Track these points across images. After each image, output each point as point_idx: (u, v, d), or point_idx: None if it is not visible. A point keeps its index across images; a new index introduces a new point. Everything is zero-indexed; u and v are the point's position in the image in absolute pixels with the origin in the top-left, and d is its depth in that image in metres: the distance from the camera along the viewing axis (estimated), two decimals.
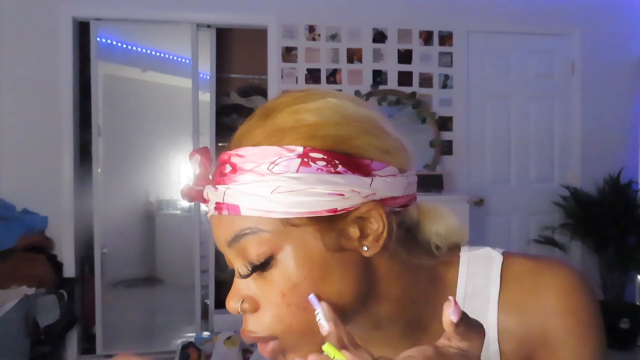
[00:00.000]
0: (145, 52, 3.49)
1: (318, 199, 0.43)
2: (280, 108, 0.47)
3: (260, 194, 0.43)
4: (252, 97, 4.04)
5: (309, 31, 3.31)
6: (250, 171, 0.43)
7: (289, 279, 0.44)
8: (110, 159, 3.29)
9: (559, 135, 3.60)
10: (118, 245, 3.35)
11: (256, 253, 0.44)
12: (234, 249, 0.46)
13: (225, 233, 0.45)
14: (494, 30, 3.50)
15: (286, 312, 0.45)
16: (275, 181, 0.43)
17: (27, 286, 2.42)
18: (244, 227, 0.44)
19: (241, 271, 0.46)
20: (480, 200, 3.42)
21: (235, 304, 0.47)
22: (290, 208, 0.43)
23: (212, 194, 0.46)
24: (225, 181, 0.45)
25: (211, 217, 0.48)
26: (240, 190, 0.44)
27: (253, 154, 0.44)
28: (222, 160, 0.46)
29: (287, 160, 0.43)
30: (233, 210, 0.44)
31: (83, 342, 3.20)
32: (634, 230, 3.27)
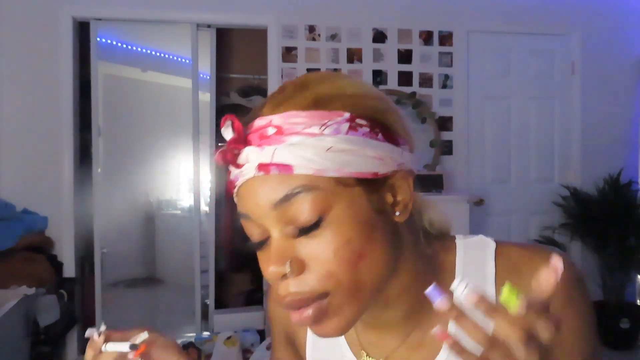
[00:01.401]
0: (145, 52, 3.49)
1: (365, 161, 0.46)
2: (318, 80, 0.49)
3: (314, 153, 0.45)
4: (252, 97, 4.04)
5: (309, 31, 3.31)
6: (300, 132, 0.45)
7: (342, 235, 0.46)
8: (110, 159, 3.29)
9: (559, 135, 3.60)
10: (118, 245, 3.35)
11: (308, 211, 0.45)
12: (280, 210, 0.45)
13: (273, 193, 0.45)
14: (494, 30, 3.50)
15: (338, 267, 0.46)
16: (327, 141, 0.45)
17: (27, 286, 2.42)
18: (297, 185, 0.45)
19: (287, 232, 0.46)
20: (480, 200, 3.42)
21: (281, 266, 0.46)
22: (343, 167, 0.45)
23: (254, 154, 0.46)
24: (270, 142, 0.45)
25: (249, 181, 0.47)
26: (292, 149, 0.45)
27: (301, 117, 0.46)
28: (259, 125, 0.47)
29: (336, 124, 0.46)
30: (284, 169, 0.45)
31: (83, 342, 3.20)
32: (634, 230, 3.27)
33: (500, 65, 3.53)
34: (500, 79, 3.54)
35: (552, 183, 3.57)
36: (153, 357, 0.58)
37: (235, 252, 3.94)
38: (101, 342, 0.56)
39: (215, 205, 3.62)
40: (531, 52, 3.56)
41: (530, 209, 3.55)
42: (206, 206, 3.58)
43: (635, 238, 3.28)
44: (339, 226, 0.46)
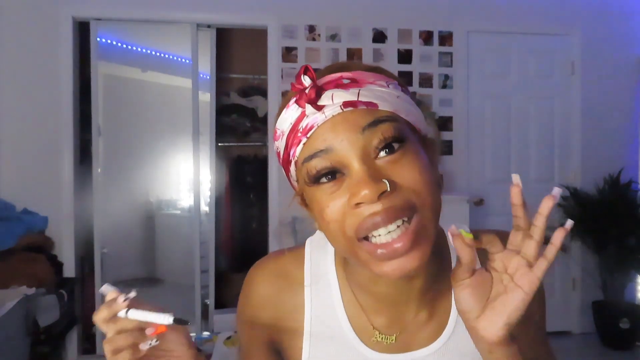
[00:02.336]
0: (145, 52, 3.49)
1: (416, 117, 0.57)
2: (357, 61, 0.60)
3: (389, 97, 0.53)
4: (252, 97, 4.04)
5: (309, 31, 3.31)
6: (373, 83, 0.54)
7: (421, 160, 0.52)
8: (110, 159, 3.29)
9: (559, 135, 3.60)
10: (118, 245, 3.35)
11: (392, 133, 0.51)
12: (368, 134, 0.51)
13: (363, 119, 0.51)
14: (494, 30, 3.50)
15: (423, 187, 0.51)
16: (395, 91, 0.55)
17: (27, 286, 2.42)
18: (384, 114, 0.52)
19: (369, 160, 0.51)
20: (480, 200, 3.42)
21: (380, 184, 0.48)
22: (409, 115, 0.55)
23: (339, 95, 0.52)
24: (348, 87, 0.52)
25: (335, 117, 0.51)
26: (373, 92, 0.53)
27: (368, 75, 0.54)
28: (330, 78, 0.53)
29: (393, 84, 0.55)
30: (370, 105, 0.52)
31: (83, 342, 3.20)
32: (634, 230, 3.27)
33: (500, 65, 3.53)
34: (500, 79, 3.54)
35: (552, 183, 3.57)
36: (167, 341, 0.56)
37: (235, 252, 3.94)
38: (123, 306, 0.51)
39: (215, 205, 3.62)
40: (531, 52, 3.55)
41: (531, 209, 3.53)
42: (206, 206, 3.58)
43: (635, 238, 3.27)
44: (416, 154, 0.52)
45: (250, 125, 3.98)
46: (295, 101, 0.53)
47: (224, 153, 3.93)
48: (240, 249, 3.92)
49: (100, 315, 0.52)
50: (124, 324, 0.52)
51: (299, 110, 0.53)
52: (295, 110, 0.53)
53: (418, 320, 0.61)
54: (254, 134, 3.99)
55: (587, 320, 3.41)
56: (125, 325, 0.52)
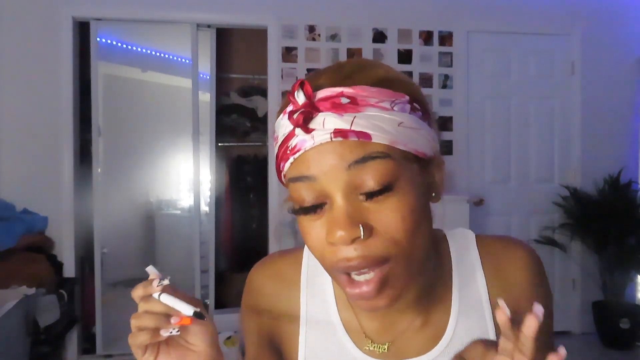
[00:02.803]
0: (145, 52, 3.49)
1: (422, 141, 0.51)
2: (371, 64, 0.53)
3: (389, 126, 0.48)
4: (252, 97, 4.04)
5: (309, 31, 3.31)
6: (374, 105, 0.48)
7: (408, 204, 0.49)
8: (110, 159, 3.29)
9: (559, 135, 3.60)
10: (118, 245, 3.35)
11: (382, 176, 0.47)
12: (354, 171, 0.47)
13: (351, 155, 0.47)
14: (494, 30, 3.50)
15: (403, 234, 0.48)
16: (398, 116, 0.49)
17: (27, 286, 2.42)
18: (375, 150, 0.48)
19: (353, 197, 0.48)
20: (480, 200, 3.42)
21: (352, 230, 0.47)
22: (409, 143, 0.50)
23: (331, 120, 0.47)
24: (347, 110, 0.48)
25: (323, 145, 0.48)
26: (369, 119, 0.48)
27: (373, 92, 0.49)
28: (329, 94, 0.48)
29: (402, 103, 0.50)
30: (363, 136, 0.47)
31: (83, 342, 3.20)
32: (634, 230, 3.27)
33: (500, 65, 3.53)
34: (500, 79, 3.53)
35: (552, 183, 3.57)
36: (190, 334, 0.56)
37: (235, 252, 3.94)
38: (157, 290, 0.53)
39: (215, 205, 3.62)
40: (531, 52, 3.55)
41: (530, 209, 3.55)
42: (206, 206, 3.58)
43: (635, 238, 3.28)
44: (405, 196, 0.49)
45: (250, 125, 3.98)
46: (288, 115, 0.49)
47: (224, 153, 3.93)
48: (240, 249, 3.92)
49: (136, 292, 0.54)
50: (154, 305, 0.53)
51: (290, 125, 0.50)
52: (287, 123, 0.50)
53: (412, 328, 0.60)
54: (254, 134, 3.99)
55: (587, 320, 3.41)
56: (154, 307, 0.53)
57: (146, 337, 0.52)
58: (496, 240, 0.64)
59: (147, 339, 0.52)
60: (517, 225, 3.54)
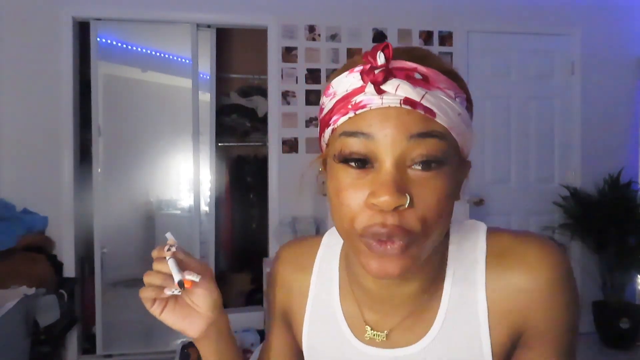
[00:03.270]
0: (145, 52, 3.48)
1: (468, 140, 0.55)
2: (439, 56, 0.55)
3: (451, 111, 0.51)
4: (252, 97, 4.04)
5: (309, 31, 3.31)
6: (443, 90, 0.51)
7: (446, 189, 0.51)
8: (110, 159, 3.29)
9: (559, 135, 3.60)
10: (118, 245, 3.35)
11: (435, 153, 0.49)
12: (412, 143, 0.49)
13: (415, 126, 0.49)
14: (494, 30, 3.50)
15: (434, 215, 0.50)
16: (459, 107, 0.52)
17: (27, 286, 2.42)
18: (438, 129, 0.50)
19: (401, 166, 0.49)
20: (480, 200, 3.42)
21: (402, 197, 0.48)
22: (461, 135, 0.53)
23: (404, 88, 0.49)
24: (419, 84, 0.49)
25: (389, 108, 0.49)
26: (437, 99, 0.50)
27: (442, 79, 0.51)
28: (405, 66, 0.50)
29: (461, 98, 0.53)
30: (429, 112, 0.49)
31: (83, 342, 3.20)
32: (634, 230, 3.27)
33: (500, 65, 3.53)
34: (500, 79, 3.53)
35: (552, 183, 3.57)
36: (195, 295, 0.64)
37: (235, 252, 3.94)
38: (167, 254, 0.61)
39: (215, 205, 3.62)
40: (531, 52, 3.55)
41: (530, 209, 3.55)
42: (206, 206, 3.58)
43: (635, 238, 3.28)
44: (446, 180, 0.51)
45: (250, 125, 3.98)
46: (361, 72, 0.50)
47: (224, 153, 3.93)
48: (240, 249, 3.92)
49: (153, 252, 0.63)
50: (164, 267, 0.61)
51: (360, 82, 0.50)
52: (356, 79, 0.51)
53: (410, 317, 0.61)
54: (254, 134, 3.98)
55: (587, 320, 3.41)
56: (163, 268, 0.61)
57: (152, 293, 0.61)
58: (510, 236, 0.60)
59: (153, 295, 0.61)
60: (517, 225, 3.54)
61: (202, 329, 0.65)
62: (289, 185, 3.24)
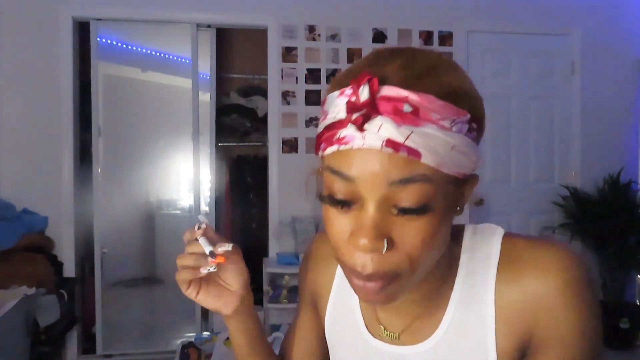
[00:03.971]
0: (145, 52, 3.48)
1: (468, 163, 0.50)
2: (446, 66, 0.50)
3: (441, 147, 0.46)
4: (252, 97, 4.04)
5: (309, 31, 3.31)
6: (435, 122, 0.46)
7: (434, 226, 0.48)
8: (110, 159, 3.29)
9: (559, 135, 3.60)
10: (118, 245, 3.35)
11: (420, 199, 0.46)
12: (394, 189, 0.46)
13: (397, 172, 0.46)
14: (494, 30, 3.50)
15: (419, 253, 0.48)
16: (454, 139, 0.47)
17: (27, 286, 2.42)
18: (422, 172, 0.46)
19: (386, 209, 0.47)
20: (480, 200, 3.42)
21: (379, 242, 0.47)
22: (456, 166, 0.48)
23: (388, 128, 0.45)
24: (405, 121, 0.45)
25: (373, 150, 0.46)
26: (425, 136, 0.45)
27: (438, 105, 0.46)
28: (394, 95, 0.45)
29: (461, 123, 0.48)
30: (413, 154, 0.45)
31: (83, 342, 3.20)
32: (634, 230, 3.27)
33: (500, 65, 3.53)
34: (500, 79, 3.54)
35: (552, 183, 3.57)
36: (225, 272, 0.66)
37: None
38: (199, 233, 0.62)
39: (215, 205, 3.62)
40: (531, 52, 3.55)
41: (530, 209, 3.55)
42: (206, 206, 3.58)
43: (635, 238, 3.28)
44: (434, 218, 0.48)
45: (250, 125, 3.98)
46: (347, 102, 0.47)
47: (224, 153, 3.93)
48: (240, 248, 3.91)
49: (185, 235, 0.64)
50: (196, 247, 0.62)
51: (344, 112, 0.47)
52: (342, 107, 0.48)
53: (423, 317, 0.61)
54: (254, 134, 3.99)
55: None
56: (195, 248, 0.62)
57: (187, 275, 0.63)
58: (526, 241, 0.58)
59: (189, 276, 0.63)
60: (517, 225, 3.54)
61: (236, 306, 0.67)
62: (289, 185, 3.24)
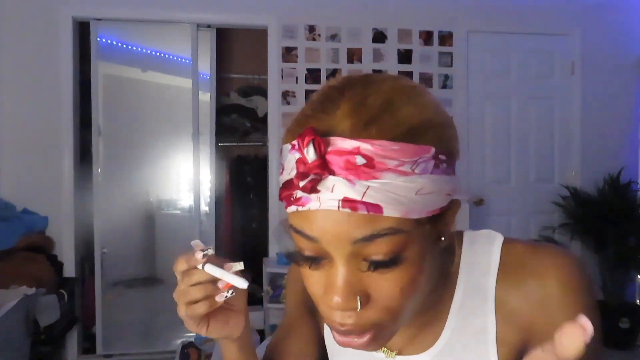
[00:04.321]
0: (145, 52, 3.48)
1: (441, 198, 0.45)
2: (402, 99, 0.45)
3: (404, 195, 0.42)
4: (252, 97, 4.04)
5: (309, 31, 3.31)
6: (393, 169, 0.42)
7: (411, 274, 0.46)
8: (110, 159, 3.29)
9: (559, 135, 3.60)
10: (118, 245, 3.35)
11: (388, 252, 0.44)
12: (359, 246, 0.43)
13: (357, 231, 0.43)
14: (494, 30, 3.50)
15: (398, 303, 0.46)
16: (417, 182, 0.43)
17: (27, 286, 2.42)
18: (385, 227, 0.43)
19: (355, 266, 0.45)
20: (480, 200, 3.42)
21: (353, 299, 0.45)
22: (426, 208, 0.44)
23: (341, 187, 0.42)
24: (360, 175, 0.41)
25: (330, 210, 0.43)
26: (384, 189, 0.42)
27: (393, 150, 0.42)
28: (344, 149, 0.42)
29: (424, 162, 0.43)
30: (374, 209, 0.42)
31: (83, 342, 3.20)
32: (634, 230, 3.27)
33: (500, 65, 3.53)
34: (500, 79, 3.54)
35: (552, 183, 3.57)
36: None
37: (235, 252, 3.94)
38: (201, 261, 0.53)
39: (215, 205, 3.62)
40: (531, 52, 3.55)
41: (530, 209, 3.55)
42: (206, 206, 3.58)
43: (635, 238, 3.28)
44: (409, 266, 0.45)
45: (250, 125, 3.99)
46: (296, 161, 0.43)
47: (224, 153, 3.93)
48: (240, 249, 3.92)
49: (179, 266, 0.54)
50: (200, 276, 0.53)
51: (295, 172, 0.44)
52: (293, 166, 0.44)
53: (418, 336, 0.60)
54: (254, 134, 3.99)
55: None
56: (200, 278, 0.53)
57: (205, 307, 0.53)
58: (526, 246, 0.56)
59: (206, 308, 0.53)
60: (517, 225, 3.54)
61: (243, 326, 0.60)
62: None
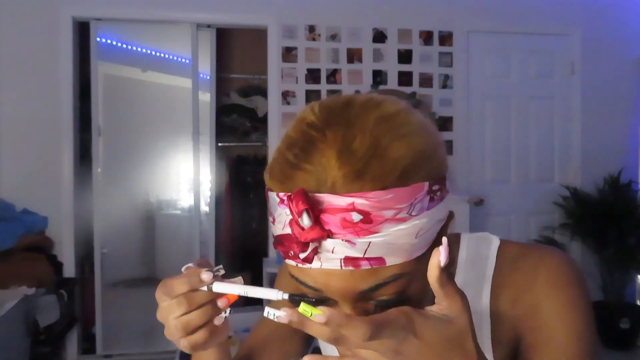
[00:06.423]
0: (145, 52, 3.49)
1: (439, 225, 0.45)
2: (384, 134, 0.43)
3: (406, 241, 0.42)
4: (252, 97, 4.05)
5: (309, 31, 3.31)
6: (391, 220, 0.41)
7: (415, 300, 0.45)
8: (110, 159, 3.29)
9: (559, 135, 3.60)
10: (118, 245, 3.35)
11: (392, 293, 0.43)
12: (366, 295, 0.43)
13: (362, 284, 0.42)
14: (494, 30, 3.50)
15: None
16: (416, 225, 0.42)
17: (27, 286, 2.42)
18: (388, 275, 0.42)
19: (368, 308, 0.44)
20: (480, 200, 3.42)
21: None
22: (427, 243, 0.44)
23: (342, 248, 0.41)
24: (358, 233, 0.40)
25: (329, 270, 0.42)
26: (385, 242, 0.41)
27: (387, 200, 0.40)
28: (338, 206, 0.40)
29: (420, 201, 0.42)
30: (377, 262, 0.41)
31: (83, 342, 3.20)
32: (634, 230, 3.27)
33: (500, 65, 3.53)
34: (500, 79, 3.54)
35: (552, 183, 3.57)
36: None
37: (235, 252, 3.94)
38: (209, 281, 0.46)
39: (215, 205, 3.62)
40: (531, 52, 3.55)
41: (530, 209, 3.55)
42: (206, 206, 3.58)
43: (635, 238, 3.28)
44: (415, 294, 0.45)
45: (250, 125, 3.99)
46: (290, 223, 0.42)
47: (224, 153, 3.93)
48: (240, 249, 3.92)
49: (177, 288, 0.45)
50: (200, 298, 0.46)
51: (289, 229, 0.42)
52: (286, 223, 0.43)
53: None
54: (254, 134, 3.99)
55: None
56: (201, 300, 0.46)
57: (203, 336, 0.47)
58: (519, 248, 0.58)
59: (204, 337, 0.47)
60: (517, 225, 3.54)
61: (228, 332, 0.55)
62: None
